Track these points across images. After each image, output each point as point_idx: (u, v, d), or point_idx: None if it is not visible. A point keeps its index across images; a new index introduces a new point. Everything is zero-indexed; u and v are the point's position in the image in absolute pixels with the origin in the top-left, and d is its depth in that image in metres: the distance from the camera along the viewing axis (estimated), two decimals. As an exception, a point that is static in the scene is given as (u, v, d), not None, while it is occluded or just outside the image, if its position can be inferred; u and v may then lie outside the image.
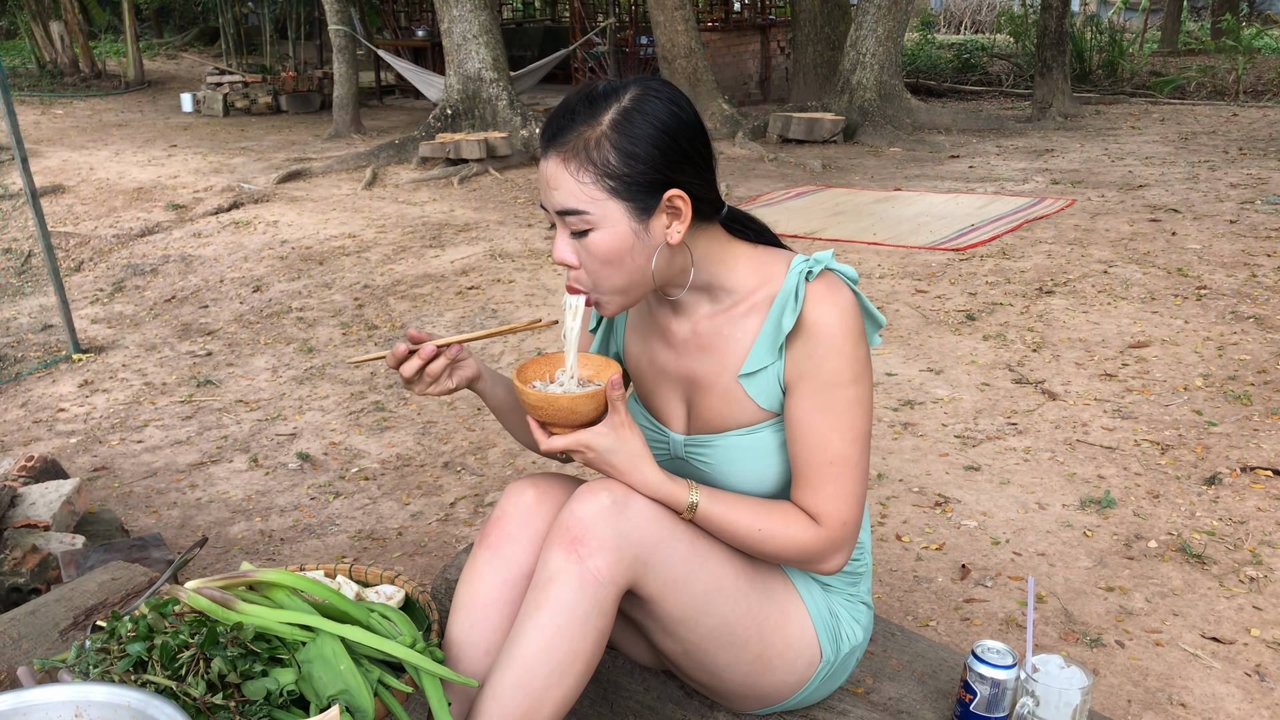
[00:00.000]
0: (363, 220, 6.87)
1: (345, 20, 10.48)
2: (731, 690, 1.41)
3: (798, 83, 11.89)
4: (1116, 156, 8.15)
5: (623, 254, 1.25)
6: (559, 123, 1.24)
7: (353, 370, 4.26)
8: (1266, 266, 4.85)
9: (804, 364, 1.29)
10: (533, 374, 1.35)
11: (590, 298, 1.30)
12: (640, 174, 1.22)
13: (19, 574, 2.30)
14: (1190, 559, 2.61)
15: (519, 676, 1.23)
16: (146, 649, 1.16)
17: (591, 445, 1.26)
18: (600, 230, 1.23)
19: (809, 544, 1.31)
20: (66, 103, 13.50)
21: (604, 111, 1.22)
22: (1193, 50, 14.59)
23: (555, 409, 1.25)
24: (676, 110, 1.24)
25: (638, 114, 1.22)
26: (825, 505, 1.30)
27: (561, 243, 1.27)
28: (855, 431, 1.29)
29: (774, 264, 1.34)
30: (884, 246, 5.60)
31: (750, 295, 1.34)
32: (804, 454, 1.30)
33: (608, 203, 1.22)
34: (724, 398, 1.36)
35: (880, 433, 3.42)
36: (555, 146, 1.23)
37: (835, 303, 1.27)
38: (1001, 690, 1.36)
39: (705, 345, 1.37)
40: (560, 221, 1.26)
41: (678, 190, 1.25)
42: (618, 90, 1.24)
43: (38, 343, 4.86)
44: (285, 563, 2.82)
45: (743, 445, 1.36)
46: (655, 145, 1.22)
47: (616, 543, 1.24)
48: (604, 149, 1.21)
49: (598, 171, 1.21)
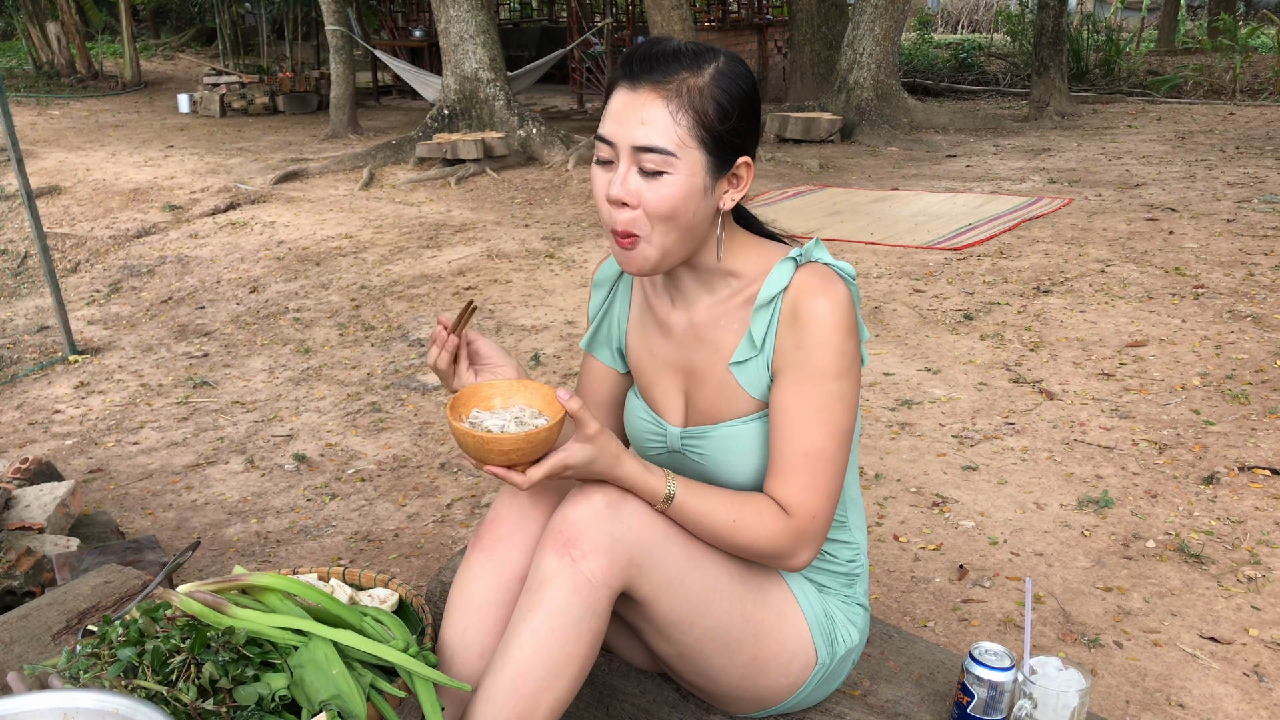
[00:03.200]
0: (360, 221, 6.86)
1: (342, 20, 10.47)
2: (727, 693, 1.40)
3: (795, 82, 11.88)
4: (1113, 156, 8.15)
5: (689, 206, 1.24)
6: (659, 60, 1.22)
7: (349, 371, 4.25)
8: (1264, 265, 4.85)
9: (791, 353, 1.28)
10: (464, 412, 1.29)
11: (630, 242, 1.27)
12: (729, 132, 1.24)
13: (13, 577, 2.29)
14: (1188, 559, 2.60)
15: (513, 680, 1.22)
16: (137, 654, 1.16)
17: (570, 463, 1.23)
18: (677, 175, 1.22)
19: (778, 535, 1.29)
20: (63, 103, 13.48)
21: (707, 64, 1.23)
22: (1189, 49, 14.59)
23: (531, 449, 1.21)
24: (755, 85, 1.28)
25: (735, 76, 1.24)
26: (796, 496, 1.29)
27: (627, 179, 1.23)
28: (834, 426, 1.28)
29: (773, 256, 1.35)
30: (881, 246, 5.60)
31: (748, 285, 1.34)
32: (780, 442, 1.30)
33: (695, 151, 1.22)
34: (719, 388, 1.36)
35: (878, 432, 3.41)
36: (653, 81, 1.21)
37: (829, 294, 1.27)
38: (999, 692, 1.35)
39: (702, 336, 1.38)
40: (631, 157, 1.23)
41: (747, 158, 1.28)
42: (710, 50, 1.26)
43: (33, 344, 4.85)
44: (281, 565, 2.81)
45: (737, 435, 1.36)
46: (745, 110, 1.25)
47: (610, 545, 1.24)
48: (706, 99, 1.21)
49: (696, 118, 1.21)
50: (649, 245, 1.27)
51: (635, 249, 1.27)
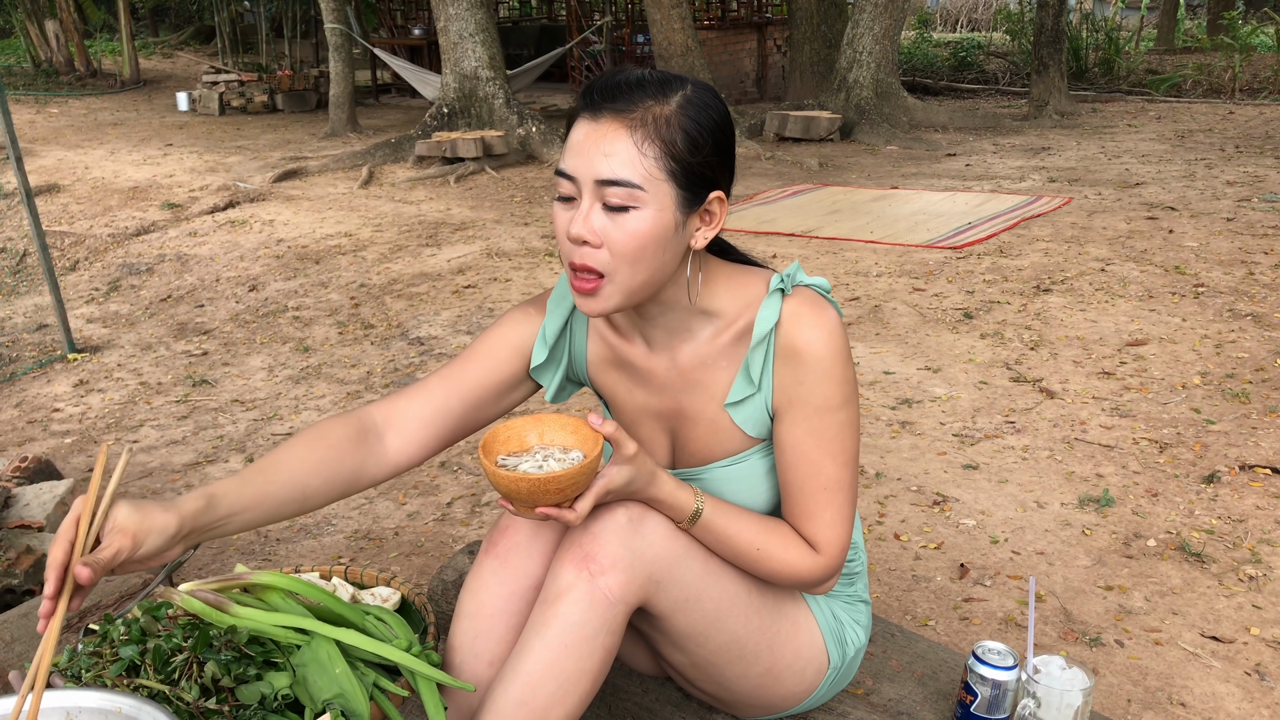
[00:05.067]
0: (359, 219, 6.85)
1: (341, 19, 10.46)
2: (740, 700, 1.39)
3: (794, 81, 11.88)
4: (1113, 154, 8.15)
5: (658, 243, 1.16)
6: (621, 89, 1.15)
7: (348, 369, 4.25)
8: (1264, 264, 4.85)
9: (794, 390, 1.25)
10: (500, 451, 1.22)
11: (592, 285, 1.19)
12: (699, 165, 1.17)
13: (13, 575, 2.28)
14: (1189, 558, 2.60)
15: (522, 693, 1.20)
16: (139, 653, 1.15)
17: (613, 487, 1.18)
18: (644, 211, 1.15)
19: (806, 572, 1.29)
20: (61, 102, 13.47)
21: (673, 93, 1.16)
22: (1189, 48, 14.60)
23: (586, 479, 1.15)
24: (728, 115, 1.22)
25: (704, 105, 1.18)
26: (824, 533, 1.28)
27: (590, 215, 1.15)
28: (847, 455, 1.27)
29: (753, 285, 1.29)
30: (881, 245, 5.59)
31: (733, 322, 1.28)
32: (797, 480, 1.27)
33: (663, 184, 1.15)
34: (711, 428, 1.32)
35: (878, 431, 3.41)
36: (617, 111, 1.14)
37: (822, 324, 1.23)
38: (1003, 692, 1.35)
39: (690, 378, 1.32)
40: (594, 192, 1.15)
41: (720, 193, 1.21)
42: (677, 78, 1.19)
43: (33, 342, 4.84)
44: (281, 563, 2.81)
45: (730, 476, 1.33)
46: (717, 140, 1.18)
47: (630, 561, 1.21)
48: (673, 128, 1.14)
49: (663, 149, 1.14)
50: (612, 286, 1.18)
51: (598, 291, 1.18)
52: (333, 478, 1.28)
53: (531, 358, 1.39)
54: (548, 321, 1.39)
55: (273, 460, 1.25)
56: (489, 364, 1.38)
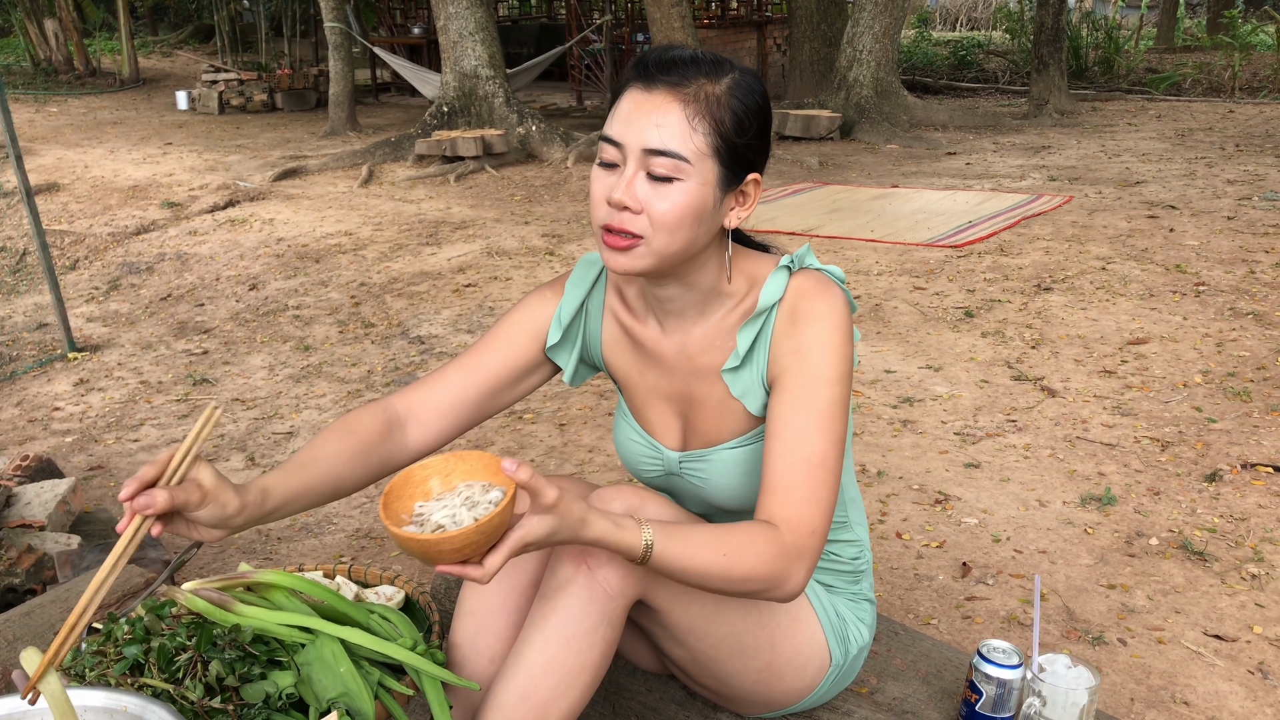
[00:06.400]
0: (359, 218, 6.85)
1: (341, 17, 10.45)
2: (740, 696, 1.39)
3: (794, 80, 11.87)
4: (1113, 153, 8.15)
5: (697, 217, 1.18)
6: (676, 64, 1.18)
7: (349, 368, 4.24)
8: (1264, 263, 4.84)
9: (789, 358, 1.24)
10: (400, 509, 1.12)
11: (627, 243, 1.19)
12: (744, 145, 1.20)
13: (14, 574, 2.28)
14: (1192, 556, 2.60)
15: (524, 687, 1.21)
16: (143, 651, 1.15)
17: (530, 540, 1.07)
18: (687, 184, 1.17)
19: (775, 557, 1.15)
20: (61, 100, 13.46)
21: (724, 74, 1.19)
22: (1189, 47, 14.60)
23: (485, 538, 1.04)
24: (769, 102, 1.24)
25: (750, 90, 1.21)
26: (795, 510, 1.18)
27: (634, 182, 1.17)
28: (835, 434, 1.22)
29: (762, 267, 1.32)
30: (881, 243, 5.59)
31: (741, 302, 1.31)
32: (780, 450, 1.21)
33: (708, 160, 1.17)
34: (718, 410, 1.33)
35: (879, 430, 3.41)
36: (671, 85, 1.17)
37: (827, 299, 1.25)
38: (1008, 690, 1.34)
39: (697, 360, 1.33)
40: (640, 160, 1.17)
41: (757, 175, 1.24)
42: (727, 61, 1.22)
43: (33, 341, 4.83)
44: (283, 562, 2.80)
45: (736, 458, 1.33)
46: (760, 124, 1.22)
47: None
48: (723, 108, 1.17)
49: (712, 127, 1.17)
50: (647, 248, 1.19)
51: (632, 249, 1.19)
52: (363, 469, 1.33)
53: (547, 338, 1.41)
54: (564, 302, 1.41)
55: (311, 455, 1.29)
56: (505, 350, 1.41)
